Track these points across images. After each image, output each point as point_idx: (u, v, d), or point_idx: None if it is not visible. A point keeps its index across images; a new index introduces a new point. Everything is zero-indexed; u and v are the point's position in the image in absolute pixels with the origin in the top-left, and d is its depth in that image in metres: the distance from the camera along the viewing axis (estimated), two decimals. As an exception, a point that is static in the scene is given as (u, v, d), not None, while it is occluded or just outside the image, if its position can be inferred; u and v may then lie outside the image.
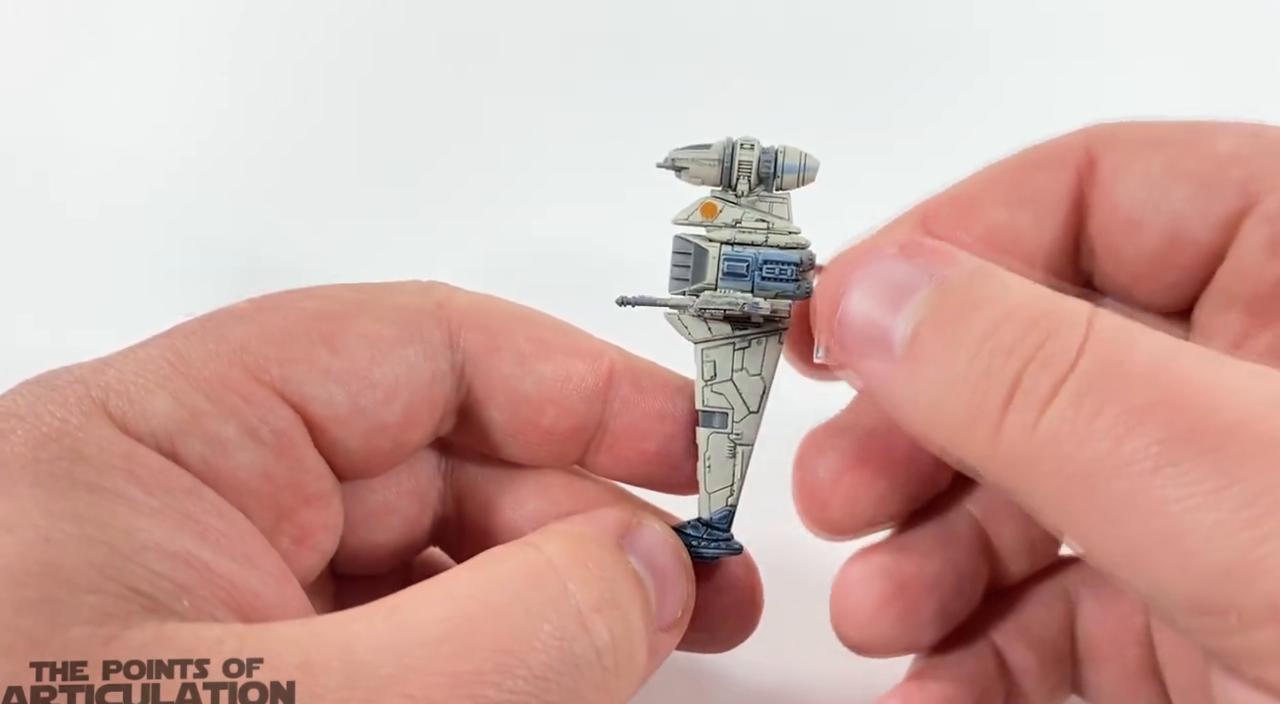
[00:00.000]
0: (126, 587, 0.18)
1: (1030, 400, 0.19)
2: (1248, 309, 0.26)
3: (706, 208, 0.26)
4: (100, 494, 0.19)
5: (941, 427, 0.21)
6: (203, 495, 0.21)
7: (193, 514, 0.21)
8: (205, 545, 0.20)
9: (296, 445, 0.24)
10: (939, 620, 0.28)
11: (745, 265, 0.25)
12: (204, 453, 0.22)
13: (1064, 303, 0.21)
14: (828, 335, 0.23)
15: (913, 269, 0.22)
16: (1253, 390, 0.18)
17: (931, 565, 0.28)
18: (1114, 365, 0.19)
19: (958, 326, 0.21)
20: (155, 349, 0.23)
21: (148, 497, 0.20)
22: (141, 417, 0.21)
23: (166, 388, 0.22)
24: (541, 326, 0.27)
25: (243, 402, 0.23)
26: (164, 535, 0.19)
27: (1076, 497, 0.19)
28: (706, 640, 0.28)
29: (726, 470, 0.26)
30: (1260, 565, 0.17)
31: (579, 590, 0.20)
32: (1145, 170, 0.26)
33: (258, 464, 0.23)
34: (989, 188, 0.27)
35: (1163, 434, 0.18)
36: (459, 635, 0.19)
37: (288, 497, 0.24)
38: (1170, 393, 0.18)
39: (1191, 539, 0.17)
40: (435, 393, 0.26)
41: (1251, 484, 0.17)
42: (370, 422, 0.25)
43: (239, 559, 0.21)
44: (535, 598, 0.20)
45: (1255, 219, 0.25)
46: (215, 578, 0.20)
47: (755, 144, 0.25)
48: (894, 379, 0.22)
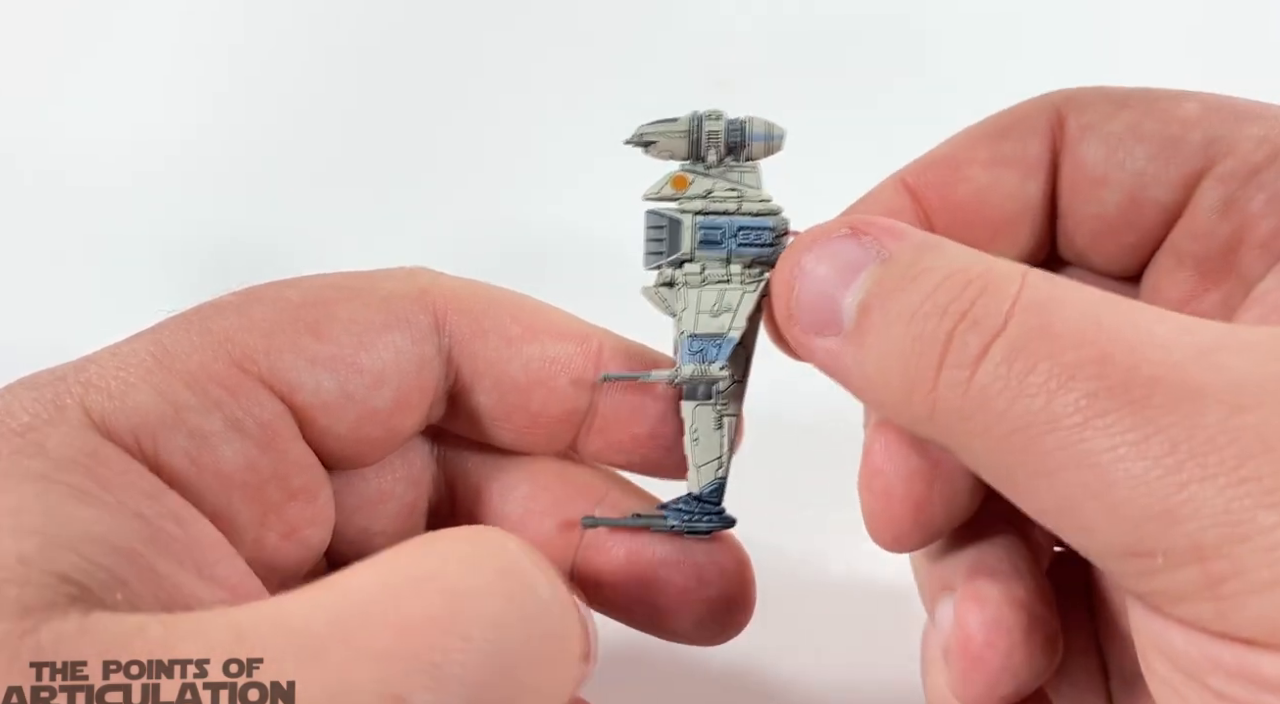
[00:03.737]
0: (54, 575, 0.18)
1: (962, 358, 0.20)
2: (1198, 268, 0.26)
3: (677, 180, 0.26)
4: (50, 486, 0.19)
5: (885, 394, 0.22)
6: (163, 500, 0.21)
7: (145, 516, 0.20)
8: (152, 546, 0.20)
9: (282, 437, 0.24)
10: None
11: (720, 232, 0.26)
12: (187, 447, 0.22)
13: (997, 264, 0.21)
14: (785, 315, 0.24)
15: (860, 248, 0.22)
16: (1179, 343, 0.19)
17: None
18: (1044, 324, 0.20)
19: (897, 297, 0.21)
20: (139, 343, 0.23)
21: (103, 492, 0.20)
22: (122, 413, 0.21)
23: (149, 382, 0.22)
24: (528, 310, 0.27)
25: (227, 394, 0.23)
26: (108, 529, 0.19)
27: (1010, 452, 0.19)
28: (692, 633, 0.28)
29: (714, 442, 0.26)
30: (1181, 509, 0.17)
31: (518, 547, 0.20)
32: (1109, 130, 0.26)
33: (242, 457, 0.23)
34: (969, 150, 0.27)
35: (1091, 387, 0.18)
36: (401, 591, 0.18)
37: (274, 490, 0.24)
38: (1098, 349, 0.19)
39: (1120, 488, 0.18)
40: (424, 378, 0.26)
41: (1173, 433, 0.18)
42: (360, 408, 0.25)
43: (187, 566, 0.21)
44: (475, 553, 0.20)
45: (1211, 179, 0.25)
46: (157, 578, 0.19)
47: (721, 115, 0.25)
48: (844, 354, 0.22)
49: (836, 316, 0.22)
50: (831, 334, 0.23)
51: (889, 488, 0.24)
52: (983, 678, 0.23)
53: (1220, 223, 0.25)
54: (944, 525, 0.25)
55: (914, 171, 0.27)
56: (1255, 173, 0.25)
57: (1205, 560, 0.17)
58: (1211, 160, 0.25)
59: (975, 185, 0.27)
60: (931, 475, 0.24)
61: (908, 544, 0.25)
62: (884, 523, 0.24)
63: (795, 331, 0.24)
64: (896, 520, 0.24)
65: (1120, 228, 0.27)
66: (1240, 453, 0.17)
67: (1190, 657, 0.19)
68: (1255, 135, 0.25)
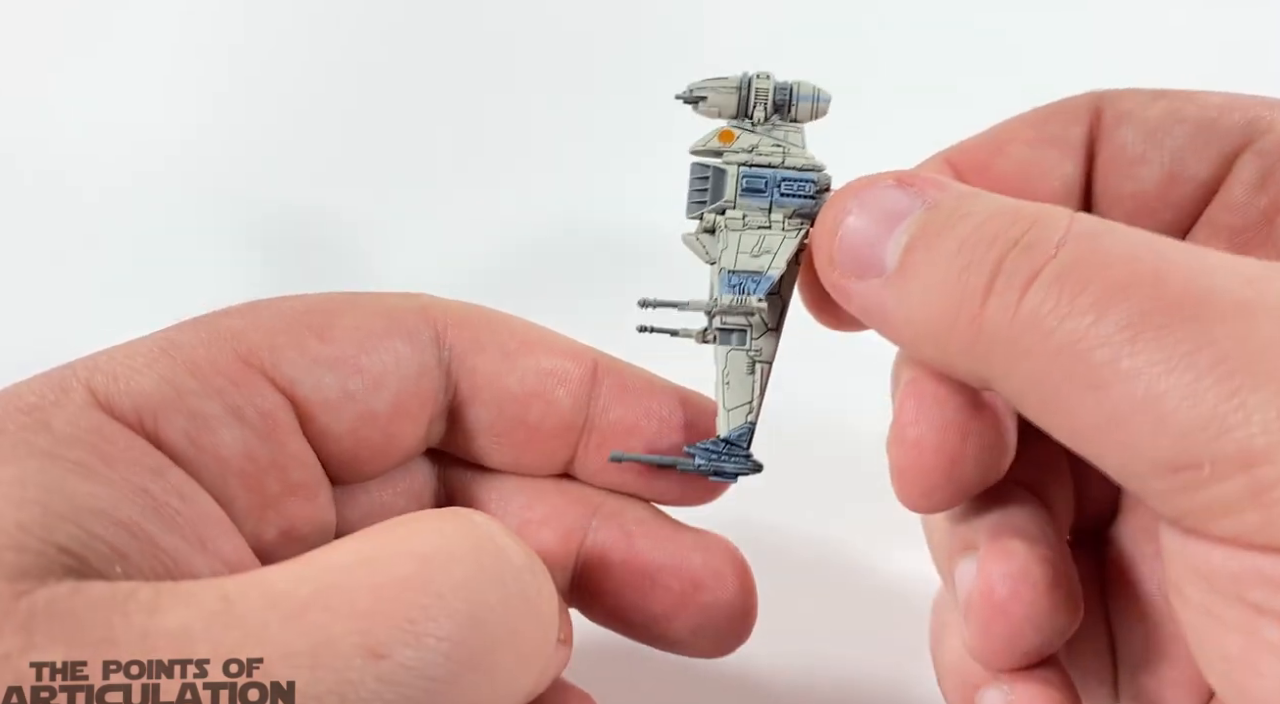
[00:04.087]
0: (52, 545, 0.18)
1: (1012, 282, 0.20)
2: (1233, 241, 0.26)
3: (724, 135, 0.26)
4: (54, 461, 0.20)
5: (926, 328, 0.22)
6: (168, 476, 0.22)
7: (150, 490, 0.21)
8: (155, 520, 0.20)
9: (282, 428, 0.24)
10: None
11: (764, 181, 0.26)
12: (187, 428, 0.22)
13: (1046, 205, 0.21)
14: (826, 260, 0.24)
15: (905, 195, 0.23)
16: (1229, 267, 0.19)
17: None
18: (1095, 249, 0.20)
19: (944, 236, 0.22)
20: (149, 340, 0.24)
21: (107, 468, 0.20)
22: (125, 393, 0.22)
23: (153, 368, 0.22)
24: (525, 327, 0.28)
25: (229, 383, 0.23)
26: (110, 503, 0.20)
27: (1058, 370, 0.19)
28: (697, 641, 0.28)
29: (746, 387, 0.26)
30: (1230, 418, 0.17)
31: (486, 522, 0.21)
32: (1148, 115, 0.27)
33: (241, 443, 0.23)
34: (1012, 129, 0.28)
35: (1144, 306, 0.19)
36: (376, 558, 0.19)
37: (273, 482, 0.24)
38: (1150, 270, 0.19)
39: (1169, 398, 0.18)
40: (423, 386, 0.26)
41: (1224, 345, 0.18)
42: (359, 408, 0.25)
43: (190, 540, 0.21)
44: (447, 526, 0.20)
45: (1250, 154, 0.26)
46: (158, 552, 0.20)
47: (770, 75, 0.26)
48: (885, 295, 0.23)
49: (879, 260, 0.23)
50: (873, 277, 0.23)
51: (921, 440, 0.24)
52: (1005, 630, 0.23)
53: (1258, 195, 0.26)
54: (975, 483, 0.24)
55: (957, 150, 0.28)
56: None
57: (1253, 467, 0.17)
58: (1250, 137, 0.26)
59: (1018, 160, 0.27)
60: (965, 430, 0.24)
61: (937, 501, 0.24)
62: (914, 477, 0.24)
63: (835, 276, 0.24)
64: (928, 473, 0.24)
65: (1157, 205, 0.27)
66: None
67: (1231, 573, 0.18)
68: None
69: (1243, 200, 0.26)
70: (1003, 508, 0.25)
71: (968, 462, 0.24)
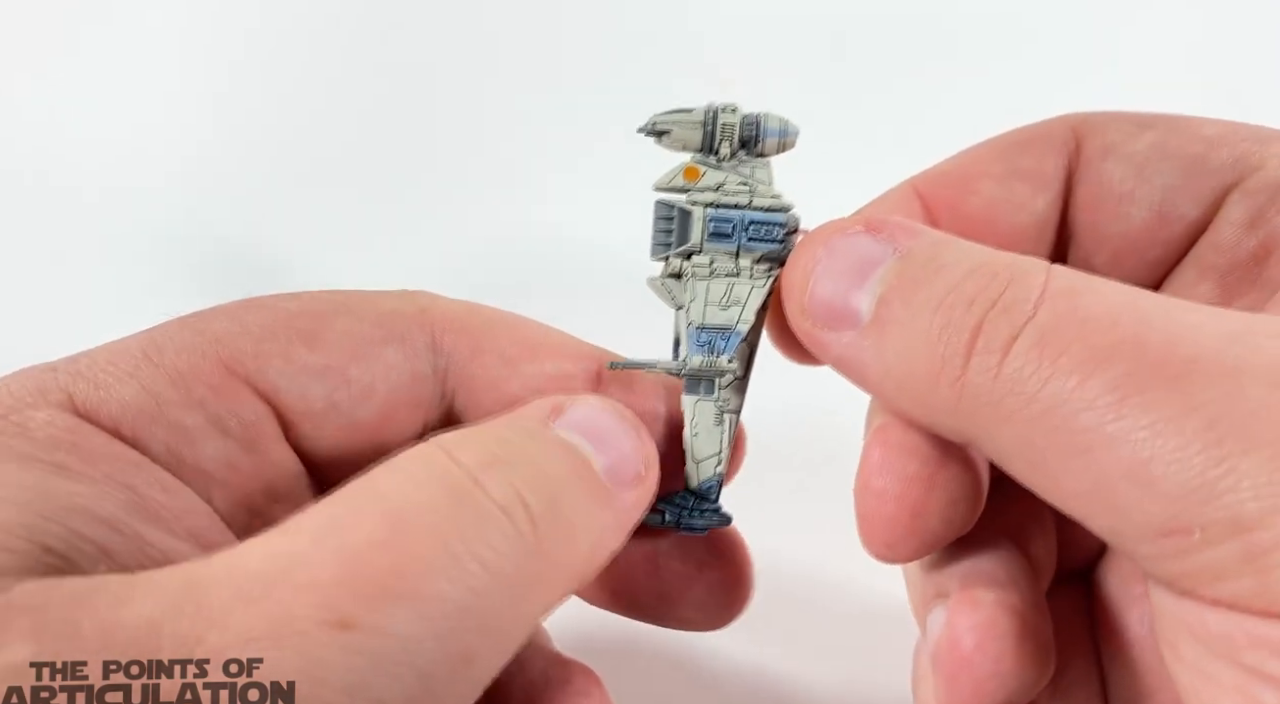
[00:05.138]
0: (35, 545, 0.18)
1: (992, 344, 0.20)
2: (1221, 281, 0.26)
3: (689, 171, 0.25)
4: (33, 463, 0.20)
5: (909, 387, 0.22)
6: (149, 470, 0.22)
7: (133, 486, 0.21)
8: (140, 515, 0.20)
9: (265, 438, 0.24)
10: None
11: (731, 226, 0.25)
12: (168, 440, 0.22)
13: (1020, 258, 0.21)
14: (798, 311, 0.23)
15: (877, 243, 0.23)
16: (1211, 327, 0.19)
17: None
18: (1074, 308, 0.20)
19: (920, 290, 0.21)
20: (133, 341, 0.23)
21: (88, 467, 0.20)
22: (104, 403, 0.22)
23: (135, 376, 0.22)
24: (526, 329, 0.27)
25: (211, 392, 0.23)
26: (94, 500, 0.20)
27: (1042, 434, 0.19)
28: (694, 618, 0.28)
29: (714, 438, 0.26)
30: (1220, 483, 0.17)
31: (468, 458, 0.20)
32: (1133, 149, 0.26)
33: (223, 455, 0.23)
34: (981, 163, 0.27)
35: (1127, 367, 0.18)
36: (347, 521, 0.18)
37: (256, 491, 0.24)
38: (1132, 331, 0.19)
39: (1156, 464, 0.18)
40: (416, 394, 0.26)
41: (1211, 409, 0.18)
42: (345, 418, 0.25)
43: (179, 533, 0.21)
44: (420, 471, 0.20)
45: (1239, 193, 0.26)
46: (145, 547, 0.20)
47: (737, 108, 0.25)
48: (862, 348, 0.22)
49: (852, 311, 0.22)
50: (847, 328, 0.22)
51: (885, 492, 0.23)
52: (970, 684, 0.23)
53: (1247, 236, 0.25)
54: (939, 537, 0.24)
55: (926, 180, 0.27)
56: None
57: (1246, 533, 0.17)
58: (1239, 176, 0.25)
59: (987, 198, 0.27)
60: (930, 483, 0.23)
61: (901, 553, 0.24)
62: (878, 527, 0.24)
63: (808, 327, 0.23)
64: (890, 525, 0.24)
65: (1145, 244, 0.27)
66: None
67: (1226, 635, 0.18)
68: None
69: (1231, 241, 0.26)
70: (975, 556, 0.25)
71: (933, 516, 0.24)
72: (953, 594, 0.24)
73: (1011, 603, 0.24)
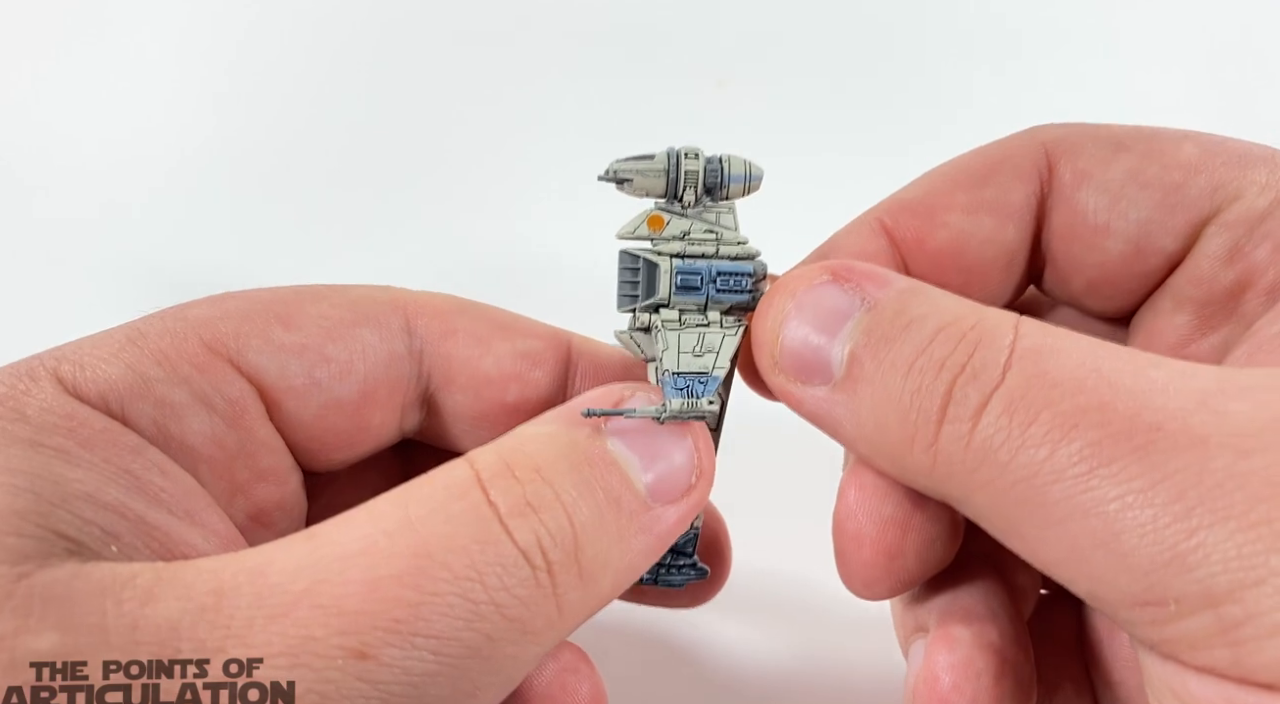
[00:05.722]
0: (50, 531, 0.18)
1: (963, 412, 0.20)
2: (1197, 313, 0.26)
3: (652, 220, 0.25)
4: (36, 449, 0.20)
5: (883, 446, 0.22)
6: (146, 454, 0.22)
7: (132, 470, 0.21)
8: (141, 498, 0.21)
9: (249, 415, 0.24)
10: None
11: (699, 278, 0.24)
12: (154, 416, 0.23)
13: (988, 314, 0.21)
14: (770, 364, 0.23)
15: (844, 294, 0.22)
16: (1178, 388, 0.19)
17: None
18: (1041, 372, 0.20)
19: (889, 347, 0.21)
20: (116, 330, 0.24)
21: (87, 452, 0.21)
22: (91, 381, 0.22)
23: (120, 357, 0.23)
24: (495, 312, 0.28)
25: (195, 371, 0.23)
26: (96, 486, 0.20)
27: (1016, 504, 0.19)
28: (672, 595, 0.29)
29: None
30: (1192, 555, 0.17)
31: (500, 497, 0.20)
32: (1108, 177, 0.26)
33: (208, 430, 0.23)
34: (948, 193, 0.27)
35: (1094, 436, 0.18)
36: (375, 548, 0.19)
37: (241, 467, 0.24)
38: (1098, 396, 0.19)
39: (1128, 536, 0.18)
40: (393, 374, 0.26)
41: (1179, 479, 0.18)
42: (326, 396, 0.25)
43: (179, 514, 0.21)
44: (454, 508, 0.20)
45: (1216, 226, 0.25)
46: (149, 529, 0.20)
47: (699, 153, 0.24)
48: (835, 404, 0.22)
49: (824, 365, 0.22)
50: (820, 383, 0.22)
51: (861, 533, 0.24)
52: None
53: (1224, 269, 0.25)
54: (916, 575, 0.24)
55: (891, 212, 0.27)
56: (1261, 220, 0.25)
57: (1218, 606, 0.17)
58: (1216, 206, 0.25)
59: (953, 231, 0.27)
60: (906, 525, 0.24)
61: (879, 591, 0.24)
62: (855, 568, 0.24)
63: (780, 381, 0.23)
64: (868, 566, 0.24)
65: (1121, 275, 0.27)
66: (1249, 497, 0.17)
67: (1207, 699, 0.18)
68: (1259, 181, 0.25)
69: (1209, 274, 0.26)
70: (955, 589, 0.25)
71: (909, 556, 0.24)
72: (931, 630, 0.24)
73: (990, 640, 0.24)
